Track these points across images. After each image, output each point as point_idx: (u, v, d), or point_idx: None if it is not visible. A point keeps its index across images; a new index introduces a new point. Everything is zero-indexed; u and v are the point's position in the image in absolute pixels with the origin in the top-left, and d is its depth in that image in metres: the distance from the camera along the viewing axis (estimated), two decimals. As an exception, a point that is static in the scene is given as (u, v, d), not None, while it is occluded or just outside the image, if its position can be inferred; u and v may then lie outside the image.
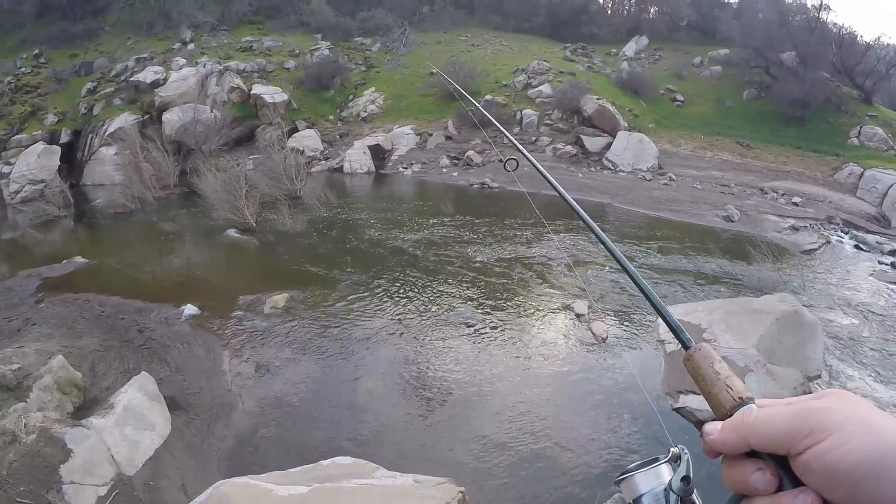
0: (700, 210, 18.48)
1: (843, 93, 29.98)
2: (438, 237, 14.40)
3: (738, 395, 0.68)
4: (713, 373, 0.71)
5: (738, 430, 0.63)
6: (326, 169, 24.72)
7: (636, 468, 0.77)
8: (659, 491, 0.74)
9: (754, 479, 0.60)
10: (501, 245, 13.77)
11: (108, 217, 18.59)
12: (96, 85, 29.47)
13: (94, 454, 5.47)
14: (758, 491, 0.60)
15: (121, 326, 9.30)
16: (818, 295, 11.57)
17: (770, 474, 0.60)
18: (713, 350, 0.74)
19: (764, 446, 0.60)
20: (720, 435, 0.64)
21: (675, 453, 0.74)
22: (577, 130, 26.27)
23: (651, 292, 0.93)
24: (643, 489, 0.75)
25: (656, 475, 0.75)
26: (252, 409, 7.09)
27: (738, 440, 0.62)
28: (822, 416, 0.56)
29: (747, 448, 0.61)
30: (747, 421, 0.63)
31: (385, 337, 9.03)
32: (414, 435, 6.68)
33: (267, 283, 11.13)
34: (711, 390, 0.70)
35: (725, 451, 0.64)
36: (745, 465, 0.62)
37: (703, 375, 0.72)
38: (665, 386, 7.73)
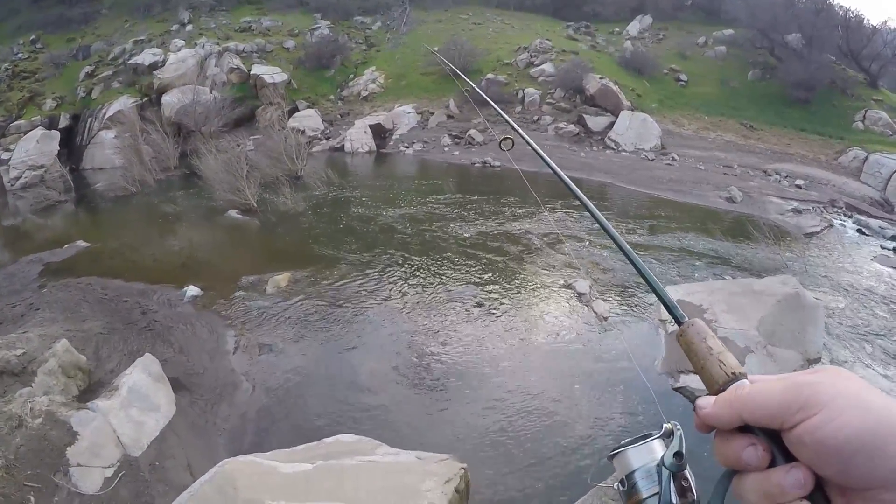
0: (703, 191, 18.41)
1: (848, 76, 29.65)
2: (440, 216, 14.38)
3: (731, 370, 0.67)
4: (706, 348, 0.70)
5: (731, 404, 0.62)
6: (327, 148, 24.62)
7: (628, 444, 0.77)
8: (651, 466, 0.74)
9: (746, 454, 0.60)
10: (504, 224, 13.77)
11: (109, 200, 18.56)
12: (94, 69, 29.27)
13: (100, 436, 5.52)
14: (750, 466, 0.60)
15: (124, 309, 9.34)
16: (820, 278, 11.56)
17: (762, 449, 0.59)
18: (707, 326, 0.74)
19: (756, 420, 0.59)
20: (713, 409, 0.64)
21: (667, 429, 0.75)
22: (579, 110, 26.10)
23: (645, 268, 0.91)
24: (635, 465, 0.75)
25: (649, 451, 0.76)
26: (256, 388, 7.15)
27: (730, 414, 0.62)
28: (815, 390, 0.56)
29: (740, 422, 0.61)
30: (740, 395, 0.63)
31: (387, 315, 9.06)
32: (416, 413, 6.73)
33: (269, 263, 11.15)
34: (704, 365, 0.70)
35: (718, 425, 0.63)
36: (738, 440, 0.61)
37: (695, 351, 0.71)
38: (665, 365, 7.77)
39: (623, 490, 0.77)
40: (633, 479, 0.76)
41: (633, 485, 0.76)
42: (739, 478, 0.62)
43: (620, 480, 0.77)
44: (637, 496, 0.74)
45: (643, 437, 0.78)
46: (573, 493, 5.41)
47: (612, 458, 0.80)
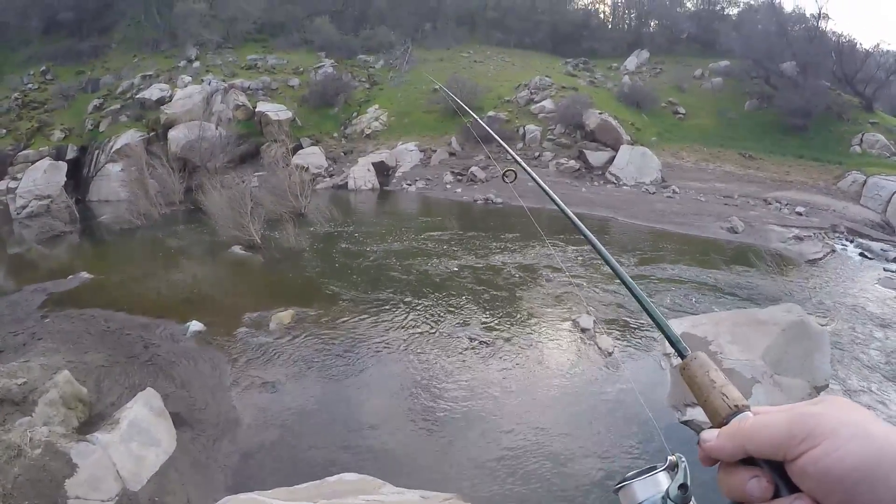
0: (704, 222, 18.47)
1: (843, 101, 30.01)
2: (443, 253, 14.42)
3: (734, 402, 0.68)
4: (709, 381, 0.71)
5: (735, 437, 0.63)
6: (331, 186, 24.82)
7: (634, 476, 0.77)
8: (657, 499, 0.74)
9: (750, 486, 0.60)
10: (506, 260, 13.79)
11: (114, 233, 18.67)
12: (103, 102, 29.75)
13: (99, 469, 5.46)
14: (754, 498, 0.60)
15: (126, 342, 9.32)
16: (825, 304, 11.52)
17: (766, 481, 0.59)
18: (709, 359, 0.74)
19: (760, 452, 0.60)
20: (717, 442, 0.64)
21: (672, 461, 0.75)
22: (579, 145, 26.36)
23: (647, 301, 0.92)
24: (641, 497, 0.75)
25: (654, 483, 0.76)
26: (258, 426, 7.08)
27: (734, 446, 0.62)
28: (818, 420, 0.57)
29: (743, 454, 0.61)
30: (743, 427, 0.63)
31: (390, 353, 9.02)
32: (420, 451, 6.65)
33: (272, 299, 11.14)
34: (707, 398, 0.70)
35: (722, 457, 0.63)
36: (742, 473, 0.61)
37: (698, 384, 0.72)
38: (672, 399, 7.70)
39: None
40: None
41: None
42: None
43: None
44: None
45: (648, 470, 0.77)
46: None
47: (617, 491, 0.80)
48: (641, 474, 0.77)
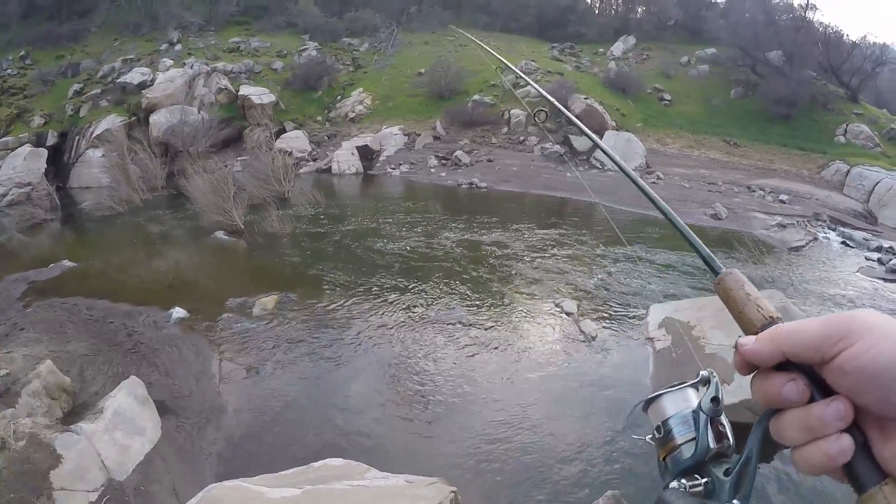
0: (688, 208, 18.59)
1: (829, 91, 30.27)
2: (427, 237, 14.41)
3: (769, 314, 0.68)
4: (744, 294, 0.71)
5: (773, 339, 0.63)
6: (314, 170, 24.66)
7: (664, 392, 0.80)
8: (687, 413, 0.76)
9: (787, 389, 0.60)
10: (491, 245, 13.81)
11: (96, 220, 18.42)
12: (83, 86, 29.21)
13: (84, 459, 5.43)
14: (790, 402, 0.60)
15: (109, 330, 9.24)
16: (806, 291, 11.69)
17: (803, 384, 0.60)
18: (743, 276, 0.75)
19: (797, 353, 0.60)
20: (755, 345, 0.64)
21: (703, 376, 0.76)
22: (564, 130, 26.34)
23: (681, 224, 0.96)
24: (671, 411, 0.78)
25: (684, 398, 0.78)
26: (242, 412, 7.07)
27: (772, 348, 0.62)
28: (854, 322, 0.57)
29: (781, 357, 0.61)
30: (781, 330, 0.63)
31: (375, 337, 9.03)
32: (405, 436, 6.69)
33: (256, 284, 11.09)
34: (743, 310, 0.70)
35: (759, 360, 0.63)
36: (778, 378, 0.62)
37: (734, 297, 0.72)
38: (654, 383, 7.80)
39: (658, 437, 0.79)
40: (668, 426, 0.78)
41: (668, 431, 0.77)
42: (778, 417, 0.62)
43: (656, 427, 0.79)
44: (672, 442, 0.76)
45: (677, 385, 0.80)
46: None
47: (647, 406, 0.82)
48: (671, 389, 0.80)
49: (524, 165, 23.72)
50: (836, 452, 0.56)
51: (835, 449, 0.56)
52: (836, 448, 0.56)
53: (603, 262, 12.83)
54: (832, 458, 0.56)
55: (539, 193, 20.24)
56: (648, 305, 10.05)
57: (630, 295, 11.00)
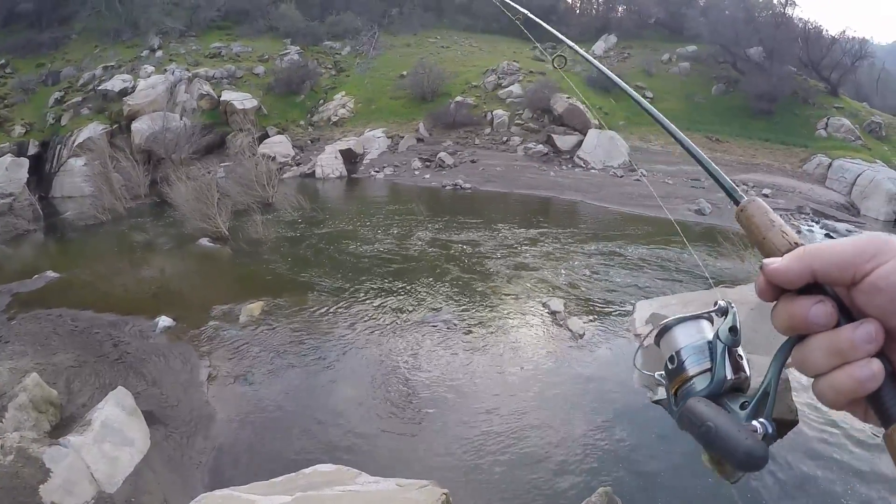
0: (672, 204, 18.77)
1: (809, 86, 30.69)
2: (412, 240, 14.44)
3: (794, 240, 0.65)
4: (768, 220, 0.68)
5: (802, 257, 0.59)
6: (298, 174, 24.61)
7: (677, 321, 0.76)
8: (702, 343, 0.73)
9: (814, 311, 0.56)
10: (476, 245, 13.86)
11: (79, 229, 18.24)
12: (64, 94, 28.89)
13: (73, 473, 5.39)
14: (817, 325, 0.56)
15: (95, 341, 9.16)
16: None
17: (831, 305, 0.56)
18: (766, 204, 0.72)
19: (827, 272, 0.56)
20: (783, 263, 0.60)
21: (721, 306, 0.72)
22: (547, 129, 26.51)
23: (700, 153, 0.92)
24: (682, 342, 0.74)
25: (698, 329, 0.75)
26: (231, 420, 7.05)
27: (801, 266, 0.58)
28: (886, 241, 0.55)
29: (810, 276, 0.57)
30: (810, 248, 0.60)
31: (362, 341, 9.03)
32: (395, 439, 6.70)
33: (241, 291, 11.06)
34: (766, 235, 0.67)
35: (787, 278, 0.59)
36: (803, 300, 0.57)
37: (756, 224, 0.69)
38: (642, 379, 7.87)
39: (670, 368, 0.75)
40: (681, 356, 0.74)
41: (681, 362, 0.73)
42: (802, 343, 0.58)
43: (669, 358, 0.75)
44: (685, 374, 0.72)
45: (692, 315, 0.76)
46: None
47: (658, 337, 0.78)
48: (684, 320, 0.76)
49: (508, 165, 23.81)
50: (865, 377, 0.53)
51: (865, 373, 0.53)
52: (867, 372, 0.53)
53: (588, 259, 12.92)
54: (861, 383, 0.53)
55: (523, 193, 20.33)
56: (634, 302, 10.14)
57: (616, 292, 11.09)
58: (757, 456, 0.58)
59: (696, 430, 0.64)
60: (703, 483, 5.99)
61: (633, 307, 9.92)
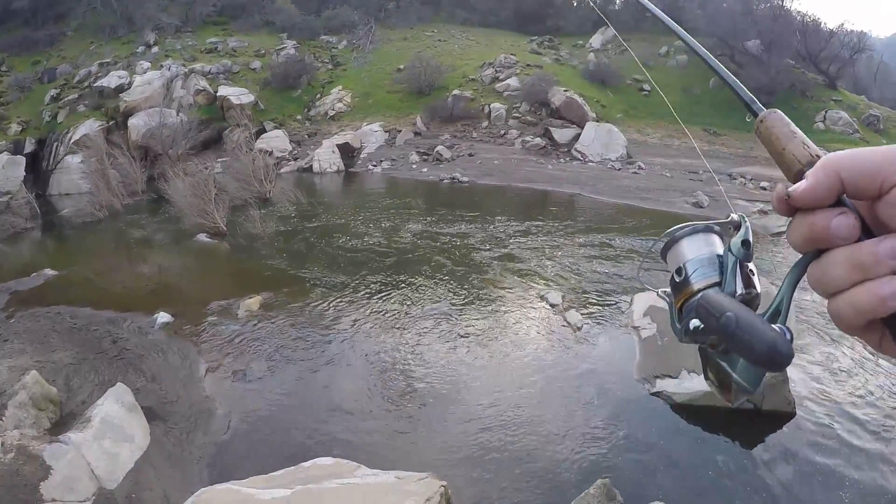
0: (670, 197, 18.77)
1: (807, 79, 30.68)
2: (410, 233, 14.45)
3: (815, 152, 0.61)
4: (789, 131, 0.64)
5: (826, 166, 0.54)
6: (296, 169, 24.57)
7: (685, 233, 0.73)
8: (711, 255, 0.70)
9: (837, 222, 0.53)
10: (473, 238, 13.88)
11: (76, 227, 18.22)
12: (60, 92, 28.80)
13: (73, 470, 5.41)
14: (840, 237, 0.53)
15: (94, 338, 9.17)
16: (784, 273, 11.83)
17: (854, 218, 0.53)
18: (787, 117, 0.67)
19: (857, 182, 0.52)
20: (808, 182, 0.55)
21: (734, 220, 0.70)
22: (545, 122, 26.46)
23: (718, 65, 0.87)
24: (692, 254, 0.71)
25: (707, 242, 0.72)
26: (231, 415, 7.06)
27: (829, 179, 0.53)
28: None
29: (839, 187, 0.53)
30: (833, 156, 0.55)
31: (361, 335, 9.05)
32: (394, 433, 6.73)
33: (239, 286, 11.06)
34: (787, 146, 0.63)
35: (816, 197, 0.54)
36: (825, 212, 0.54)
37: (776, 135, 0.64)
38: (640, 371, 7.90)
39: (677, 281, 0.72)
40: (688, 269, 0.70)
41: (688, 274, 0.70)
42: (821, 258, 0.55)
43: (676, 270, 0.72)
44: (690, 287, 0.69)
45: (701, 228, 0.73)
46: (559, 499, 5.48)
47: (665, 249, 0.75)
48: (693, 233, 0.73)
49: (505, 159, 23.80)
50: (888, 293, 0.49)
51: (887, 290, 0.49)
52: (890, 289, 0.49)
53: (585, 252, 12.94)
54: (883, 300, 0.49)
55: (521, 186, 20.32)
56: (632, 294, 10.16)
57: (613, 284, 11.11)
58: (782, 350, 0.53)
59: (714, 321, 0.59)
60: (702, 477, 6.03)
61: (630, 300, 9.95)
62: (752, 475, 6.02)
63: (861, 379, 7.89)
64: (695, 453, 6.46)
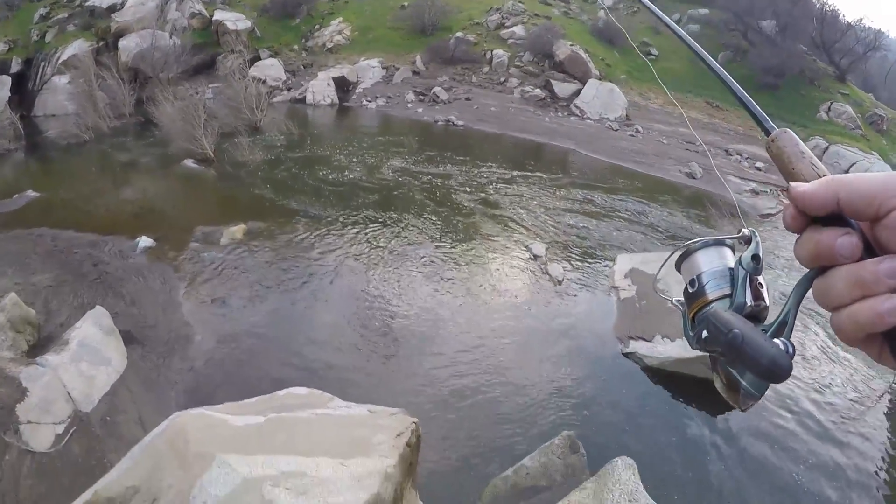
0: (664, 164, 18.69)
1: (818, 67, 30.21)
2: (399, 172, 14.32)
3: (822, 173, 0.63)
4: (798, 151, 0.67)
5: (829, 184, 0.58)
6: (289, 99, 24.07)
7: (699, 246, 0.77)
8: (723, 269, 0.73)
9: (841, 242, 0.55)
10: (463, 183, 13.81)
11: (61, 149, 17.80)
12: (49, 11, 27.63)
13: (50, 392, 5.41)
14: (843, 256, 0.55)
15: (74, 261, 9.07)
16: (774, 258, 11.91)
17: (857, 238, 0.55)
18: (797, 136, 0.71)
19: (853, 203, 0.55)
20: (810, 187, 0.59)
21: (745, 234, 0.73)
22: (547, 74, 26.05)
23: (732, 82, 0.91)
24: (705, 266, 0.74)
25: (719, 255, 0.75)
26: (208, 342, 7.08)
27: (827, 193, 0.57)
28: None
29: (835, 205, 0.56)
30: (838, 177, 0.58)
31: (342, 270, 9.04)
32: (369, 368, 6.80)
33: (224, 214, 10.96)
34: (796, 166, 0.66)
35: (812, 203, 0.58)
36: (830, 230, 0.57)
37: (787, 154, 0.68)
38: (617, 330, 8.01)
39: (690, 292, 0.75)
40: (701, 280, 0.74)
41: (701, 285, 0.74)
42: (825, 274, 0.57)
43: (689, 281, 0.76)
44: (704, 297, 0.72)
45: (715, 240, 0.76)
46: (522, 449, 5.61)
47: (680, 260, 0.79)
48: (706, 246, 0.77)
49: (503, 107, 23.47)
50: (886, 310, 0.52)
51: (886, 306, 0.52)
52: (889, 305, 0.52)
53: (574, 208, 12.93)
54: (881, 316, 0.52)
55: (516, 136, 20.11)
56: (616, 255, 10.21)
57: (598, 242, 11.16)
58: (782, 365, 0.58)
59: (723, 336, 0.63)
60: (664, 439, 6.19)
61: (613, 259, 10.01)
62: (713, 442, 6.21)
63: (826, 368, 8.09)
64: (659, 416, 6.61)
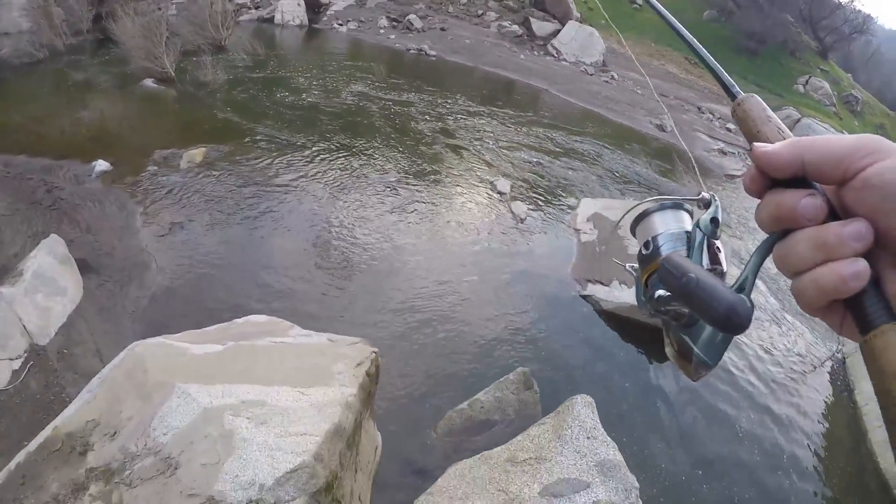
0: (636, 114, 18.71)
1: (801, 40, 30.32)
2: (366, 99, 14.00)
3: (787, 136, 0.62)
4: (765, 116, 0.66)
5: (793, 145, 0.56)
6: (256, 18, 22.99)
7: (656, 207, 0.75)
8: (679, 231, 0.72)
9: (804, 203, 0.54)
10: (431, 115, 13.64)
11: (13, 68, 16.72)
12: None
13: (4, 326, 5.26)
14: (806, 218, 0.54)
15: (27, 187, 8.68)
16: (733, 217, 12.18)
17: (821, 200, 0.54)
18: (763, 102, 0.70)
19: (818, 165, 0.53)
20: (773, 147, 0.57)
21: (705, 198, 0.71)
22: (526, 11, 25.60)
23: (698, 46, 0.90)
24: (661, 228, 0.73)
25: (676, 218, 0.74)
26: (167, 269, 6.97)
27: (792, 154, 0.55)
28: (882, 140, 0.52)
29: (800, 167, 0.54)
30: (803, 139, 0.56)
31: (304, 197, 8.91)
32: (329, 296, 6.81)
33: (184, 136, 10.56)
34: (761, 129, 0.64)
35: (775, 165, 0.56)
36: (793, 192, 0.55)
37: (753, 117, 0.66)
38: (575, 272, 8.19)
39: (644, 254, 0.74)
40: (657, 242, 0.73)
41: (656, 247, 0.73)
42: (787, 237, 0.55)
43: (644, 244, 0.75)
44: (657, 260, 0.71)
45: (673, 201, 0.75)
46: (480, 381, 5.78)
47: (635, 223, 0.77)
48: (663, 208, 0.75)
49: (478, 40, 23.01)
50: (850, 274, 0.50)
51: (850, 270, 0.50)
52: (852, 269, 0.50)
53: (542, 147, 12.95)
54: (845, 281, 0.50)
55: (488, 70, 19.80)
56: (580, 198, 10.33)
57: (563, 184, 11.25)
58: (741, 313, 0.54)
59: (676, 281, 0.58)
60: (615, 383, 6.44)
61: (577, 202, 10.13)
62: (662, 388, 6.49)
63: (775, 329, 8.42)
64: (613, 359, 6.85)
